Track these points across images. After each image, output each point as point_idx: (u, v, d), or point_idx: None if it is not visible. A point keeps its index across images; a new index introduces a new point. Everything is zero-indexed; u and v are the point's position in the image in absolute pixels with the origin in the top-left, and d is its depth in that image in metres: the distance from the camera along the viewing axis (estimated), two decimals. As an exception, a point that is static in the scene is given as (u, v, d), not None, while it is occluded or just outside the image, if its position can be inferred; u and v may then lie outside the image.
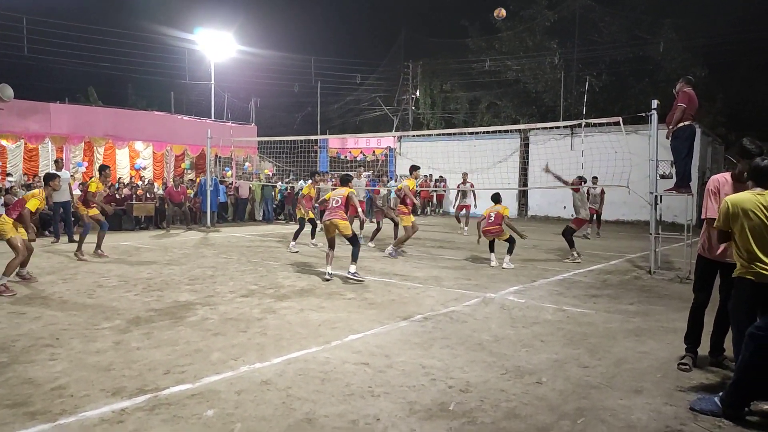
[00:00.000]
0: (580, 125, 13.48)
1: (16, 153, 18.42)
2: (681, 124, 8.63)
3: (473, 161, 19.38)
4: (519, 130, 23.12)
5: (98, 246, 10.37)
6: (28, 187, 14.73)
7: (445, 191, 24.11)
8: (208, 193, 16.69)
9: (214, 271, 9.02)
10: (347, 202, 8.61)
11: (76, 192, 15.56)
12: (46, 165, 18.50)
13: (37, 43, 26.79)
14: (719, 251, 4.46)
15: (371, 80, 37.43)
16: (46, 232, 13.69)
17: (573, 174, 12.05)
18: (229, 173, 21.40)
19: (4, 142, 17.49)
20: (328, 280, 8.29)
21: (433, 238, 14.51)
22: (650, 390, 4.16)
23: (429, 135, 24.48)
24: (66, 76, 33.07)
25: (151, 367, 4.42)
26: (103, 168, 10.90)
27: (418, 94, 35.56)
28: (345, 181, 9.19)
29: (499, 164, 21.12)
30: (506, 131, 23.06)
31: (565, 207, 22.13)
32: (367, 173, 26.02)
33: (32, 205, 7.70)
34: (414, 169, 11.69)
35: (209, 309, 6.40)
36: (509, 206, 17.11)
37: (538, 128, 22.69)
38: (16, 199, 10.36)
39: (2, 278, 7.08)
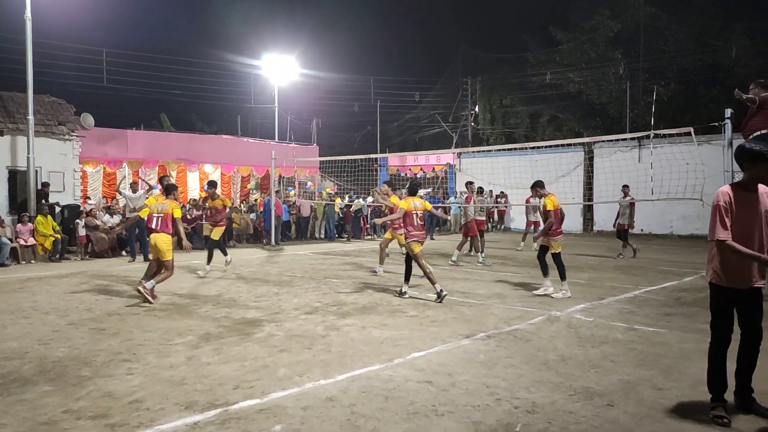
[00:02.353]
0: (648, 136, 13.02)
1: (96, 177, 19.61)
2: (758, 133, 8.16)
3: (535, 176, 18.95)
4: (583, 143, 22.53)
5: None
6: (108, 209, 15.63)
7: (506, 207, 23.75)
8: (272, 212, 17.16)
9: (279, 288, 9.24)
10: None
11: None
12: (124, 188, 19.55)
13: (114, 74, 28.59)
14: (747, 274, 3.87)
15: (430, 97, 37.62)
16: (123, 252, 14.46)
17: (641, 186, 11.59)
18: (291, 192, 21.95)
19: (85, 167, 18.65)
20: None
21: (495, 255, 14.30)
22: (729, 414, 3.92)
23: (489, 150, 24.24)
24: (141, 104, 35.10)
25: (221, 382, 4.57)
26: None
27: (477, 109, 35.39)
28: (414, 191, 8.71)
29: (562, 178, 20.66)
30: (569, 145, 22.51)
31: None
32: (426, 190, 26.04)
33: (177, 213, 8.44)
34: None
35: (275, 326, 6.56)
36: (574, 221, 16.62)
37: (603, 141, 22.04)
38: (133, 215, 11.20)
39: (151, 282, 7.94)
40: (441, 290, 7.99)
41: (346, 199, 20.88)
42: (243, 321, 6.80)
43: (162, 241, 8.17)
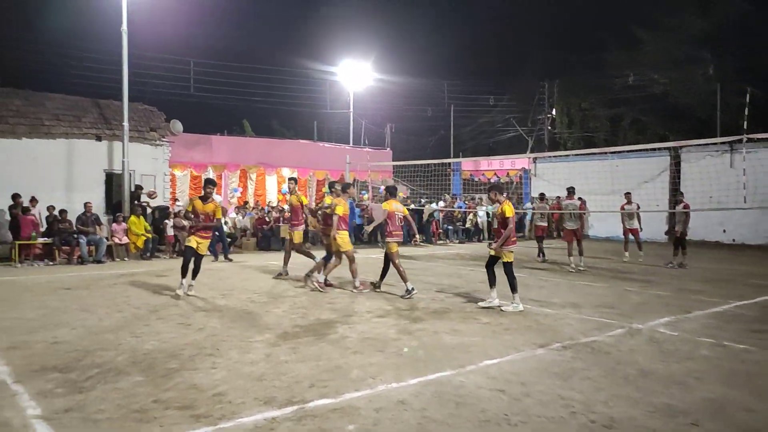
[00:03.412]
0: (741, 140, 12.23)
1: (183, 180, 20.73)
2: None
3: (615, 182, 18.36)
4: (668, 148, 21.42)
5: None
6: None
7: (583, 214, 22.99)
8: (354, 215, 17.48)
9: (352, 290, 9.41)
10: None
11: (231, 215, 17.17)
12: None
13: (201, 83, 30.17)
14: None
15: (504, 101, 37.06)
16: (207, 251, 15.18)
17: (732, 193, 10.92)
18: (365, 196, 22.27)
19: (174, 171, 19.77)
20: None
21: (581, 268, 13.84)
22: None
23: (567, 155, 23.57)
24: (224, 111, 36.79)
25: (297, 380, 4.73)
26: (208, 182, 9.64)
27: (554, 113, 34.50)
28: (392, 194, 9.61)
29: (645, 184, 19.78)
30: (653, 149, 21.48)
31: (725, 230, 20.08)
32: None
33: (340, 210, 9.13)
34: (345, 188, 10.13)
35: (348, 327, 6.70)
36: (657, 229, 15.87)
37: (691, 145, 20.92)
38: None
39: (320, 275, 8.84)
40: (411, 288, 8.73)
41: (422, 203, 20.92)
42: (318, 322, 6.99)
43: (340, 237, 9.19)
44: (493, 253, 8.08)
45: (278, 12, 66.30)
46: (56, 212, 13.48)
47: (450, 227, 21.30)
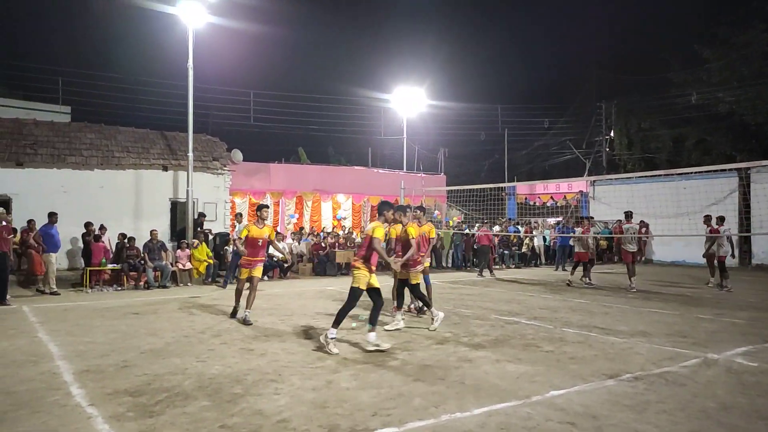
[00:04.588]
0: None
1: (243, 207, 21.30)
2: None
3: (680, 204, 17.67)
4: (737, 168, 20.45)
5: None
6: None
7: (647, 238, 22.16)
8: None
9: (410, 318, 9.34)
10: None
11: (288, 241, 17.45)
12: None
13: (259, 113, 31.17)
14: None
15: (560, 124, 36.44)
16: (265, 277, 15.49)
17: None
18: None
19: (234, 198, 20.38)
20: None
21: (638, 289, 13.32)
22: None
23: (628, 177, 22.85)
24: (281, 139, 37.73)
25: (360, 408, 4.70)
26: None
27: (612, 134, 33.64)
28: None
29: (713, 206, 18.92)
30: (721, 170, 20.54)
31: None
32: (558, 219, 25.08)
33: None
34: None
35: (407, 354, 6.63)
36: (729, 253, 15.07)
37: (763, 165, 19.92)
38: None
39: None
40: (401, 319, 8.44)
41: (475, 228, 20.65)
42: (377, 348, 6.95)
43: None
44: (398, 275, 8.41)
45: (333, 42, 68.14)
46: (125, 239, 14.11)
47: (506, 251, 20.93)
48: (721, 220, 13.76)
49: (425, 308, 8.74)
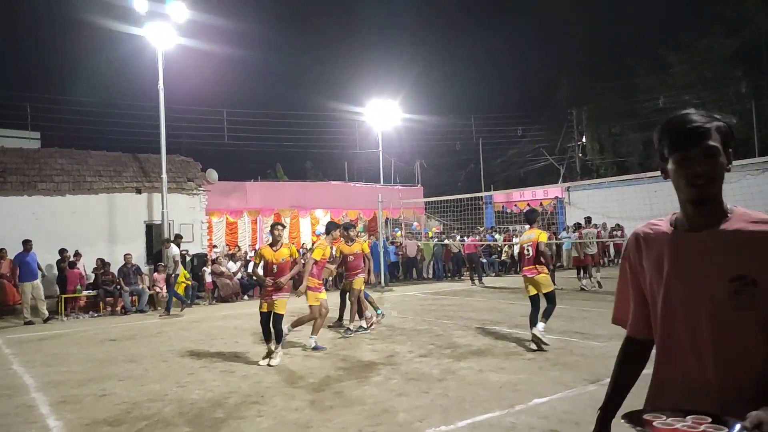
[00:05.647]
0: (782, 158, 11.90)
1: (220, 227, 21.10)
2: None
3: (653, 207, 17.96)
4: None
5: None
6: (232, 256, 16.71)
7: (623, 240, 22.49)
8: (381, 254, 17.48)
9: (392, 331, 9.33)
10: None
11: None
12: (243, 236, 20.91)
13: (233, 131, 31.03)
14: None
15: (533, 131, 36.97)
16: (245, 297, 15.34)
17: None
18: (398, 233, 22.26)
19: (211, 218, 20.18)
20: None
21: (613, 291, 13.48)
22: None
23: (601, 182, 23.24)
24: (257, 157, 37.64)
25: (344, 426, 4.67)
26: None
27: (584, 140, 34.23)
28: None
29: (685, 207, 19.30)
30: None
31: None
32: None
33: (315, 254, 8.10)
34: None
35: (391, 369, 6.62)
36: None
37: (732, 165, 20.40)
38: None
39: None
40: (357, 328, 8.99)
41: (457, 238, 20.75)
42: (360, 364, 6.93)
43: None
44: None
45: (305, 58, 68.35)
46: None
47: (484, 260, 21.04)
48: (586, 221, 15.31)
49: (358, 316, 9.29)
